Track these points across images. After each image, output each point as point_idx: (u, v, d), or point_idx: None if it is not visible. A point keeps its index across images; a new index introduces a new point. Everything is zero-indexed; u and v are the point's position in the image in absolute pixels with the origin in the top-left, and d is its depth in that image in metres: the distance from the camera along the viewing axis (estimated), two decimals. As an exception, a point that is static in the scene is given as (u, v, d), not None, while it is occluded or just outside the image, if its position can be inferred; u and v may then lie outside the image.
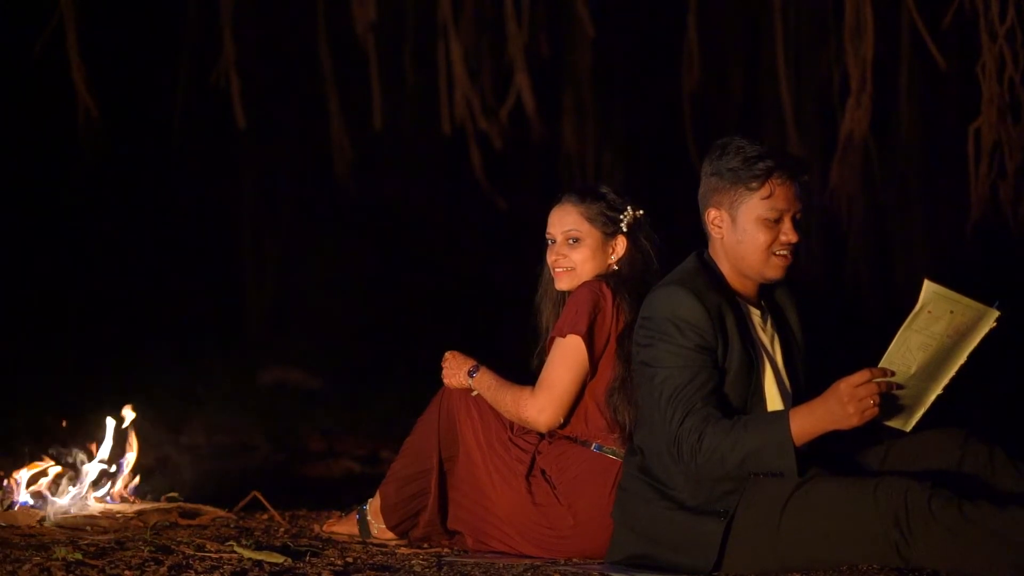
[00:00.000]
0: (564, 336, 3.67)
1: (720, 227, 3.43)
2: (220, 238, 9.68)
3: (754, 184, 3.36)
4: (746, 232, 3.39)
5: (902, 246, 8.77)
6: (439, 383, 3.88)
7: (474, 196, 8.33)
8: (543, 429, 3.68)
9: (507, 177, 8.30)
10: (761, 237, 3.38)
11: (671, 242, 3.84)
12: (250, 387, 8.48)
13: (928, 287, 3.14)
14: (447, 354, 3.90)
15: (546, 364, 3.71)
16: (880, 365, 3.16)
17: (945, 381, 3.22)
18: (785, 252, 3.40)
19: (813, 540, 3.24)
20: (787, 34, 7.60)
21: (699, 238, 3.52)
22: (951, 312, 3.14)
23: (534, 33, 7.58)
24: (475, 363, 3.83)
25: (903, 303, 3.27)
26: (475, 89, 7.37)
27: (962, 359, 3.21)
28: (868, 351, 3.32)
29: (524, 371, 3.92)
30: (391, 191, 9.82)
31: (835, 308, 8.40)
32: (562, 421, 3.68)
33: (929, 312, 3.14)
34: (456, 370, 3.85)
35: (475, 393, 3.82)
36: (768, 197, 3.36)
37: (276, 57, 8.89)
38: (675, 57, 7.97)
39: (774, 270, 3.41)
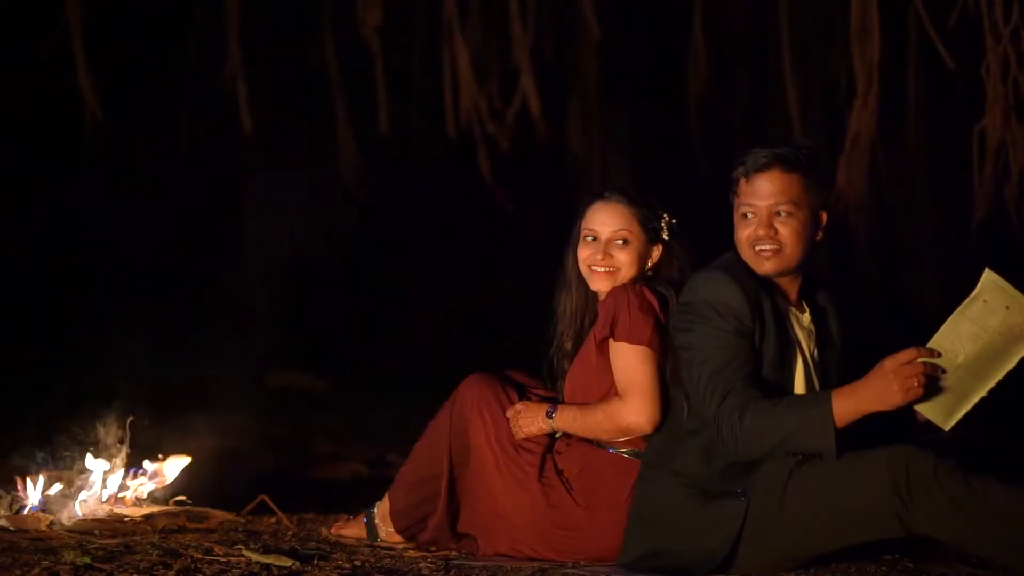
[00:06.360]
0: (629, 343, 3.56)
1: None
2: (226, 241, 9.68)
3: (733, 185, 3.49)
4: (735, 229, 3.50)
5: (908, 247, 8.76)
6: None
7: (481, 198, 8.32)
8: (648, 430, 3.54)
9: (514, 179, 8.29)
10: (739, 233, 3.47)
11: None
12: (258, 390, 8.47)
13: (987, 276, 3.08)
14: (511, 411, 3.76)
15: (619, 369, 3.59)
16: (928, 346, 3.13)
17: (991, 384, 3.13)
18: (762, 247, 3.42)
19: (815, 515, 3.25)
20: (793, 36, 7.59)
21: (701, 241, 3.57)
22: (1007, 308, 3.08)
23: (540, 35, 7.59)
24: (549, 405, 3.73)
25: (907, 304, 3.27)
26: (481, 92, 7.37)
27: (1011, 364, 3.12)
28: (870, 351, 3.32)
29: (533, 371, 3.92)
30: (397, 193, 9.82)
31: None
32: (660, 417, 3.54)
33: (985, 302, 3.07)
34: (531, 420, 3.72)
35: (559, 435, 3.73)
36: (740, 195, 3.47)
37: (282, 61, 8.90)
38: (681, 59, 7.97)
39: (759, 264, 3.46)
